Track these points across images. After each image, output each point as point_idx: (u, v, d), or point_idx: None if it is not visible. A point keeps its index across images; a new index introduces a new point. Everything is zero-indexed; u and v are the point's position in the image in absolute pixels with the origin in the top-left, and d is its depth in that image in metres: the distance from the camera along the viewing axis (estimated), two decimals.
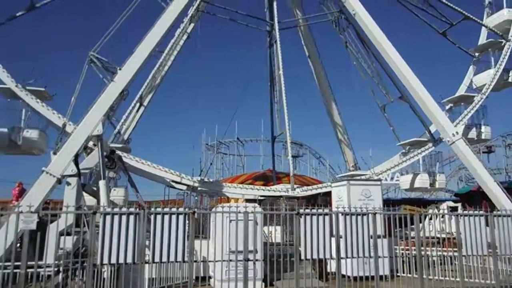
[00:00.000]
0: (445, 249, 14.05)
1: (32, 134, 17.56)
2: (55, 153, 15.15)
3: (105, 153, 16.55)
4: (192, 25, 23.78)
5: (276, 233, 16.81)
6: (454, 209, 21.72)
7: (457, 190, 38.65)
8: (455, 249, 12.73)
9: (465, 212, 13.08)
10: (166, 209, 10.43)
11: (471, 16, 24.82)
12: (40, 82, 18.42)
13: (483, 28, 25.71)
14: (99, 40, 20.34)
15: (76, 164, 14.98)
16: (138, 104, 23.08)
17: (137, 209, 10.30)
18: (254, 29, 24.03)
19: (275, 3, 23.66)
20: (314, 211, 11.41)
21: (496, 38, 24.99)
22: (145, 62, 18.52)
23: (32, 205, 9.88)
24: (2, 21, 19.16)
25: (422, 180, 23.13)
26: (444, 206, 23.77)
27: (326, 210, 11.83)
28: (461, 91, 25.36)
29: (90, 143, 17.04)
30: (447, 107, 25.13)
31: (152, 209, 10.64)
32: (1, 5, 18.71)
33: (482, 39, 25.79)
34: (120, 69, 17.35)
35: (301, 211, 11.32)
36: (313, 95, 28.52)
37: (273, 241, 15.95)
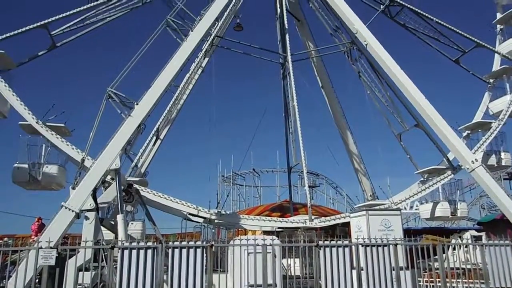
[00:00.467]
0: (471, 280, 13.56)
1: (51, 169, 17.86)
2: (73, 188, 15.34)
3: (122, 187, 16.69)
4: (206, 59, 24.34)
5: (295, 266, 16.49)
6: (478, 238, 21.09)
7: (480, 219, 37.61)
8: (482, 280, 12.29)
9: (490, 241, 12.70)
10: (184, 243, 10.37)
11: (483, 43, 24.90)
12: (60, 117, 18.89)
13: (496, 54, 25.71)
14: (117, 75, 20.95)
15: (94, 199, 15.13)
16: (154, 138, 23.39)
17: (155, 243, 10.26)
18: (267, 62, 24.47)
19: (287, 36, 24.13)
20: (333, 242, 11.22)
21: (510, 64, 24.92)
22: (161, 97, 18.97)
23: (51, 241, 9.94)
24: (24, 60, 19.91)
25: (443, 209, 22.62)
26: (467, 235, 23.11)
27: (346, 242, 11.62)
28: (478, 117, 25.09)
29: (108, 177, 17.23)
30: (464, 134, 24.82)
31: (170, 243, 10.60)
32: (22, 42, 19.36)
33: (496, 66, 25.72)
34: (137, 104, 17.77)
35: (320, 242, 11.14)
36: (328, 124, 28.71)
37: (293, 274, 15.62)
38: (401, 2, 25.45)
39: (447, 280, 11.94)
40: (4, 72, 18.65)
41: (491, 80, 25.70)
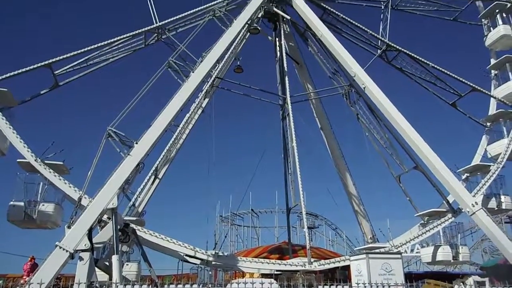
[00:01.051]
0: None
1: (47, 208, 17.66)
2: (69, 227, 15.08)
3: (119, 227, 16.42)
4: (207, 100, 24.67)
5: None
6: (481, 284, 20.59)
7: (483, 263, 36.80)
8: None
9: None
10: (180, 286, 10.10)
11: (479, 88, 25.41)
12: (59, 155, 18.87)
13: (492, 98, 26.14)
14: (117, 113, 21.11)
15: (90, 239, 14.84)
16: (153, 177, 23.28)
17: (150, 285, 9.99)
18: (267, 103, 24.81)
19: (286, 78, 24.59)
20: (333, 287, 10.93)
21: (505, 108, 25.30)
22: (161, 136, 19.04)
23: (43, 282, 9.67)
24: (27, 98, 20.17)
25: (444, 253, 22.19)
26: (470, 281, 22.56)
27: (346, 286, 11.32)
28: (476, 160, 25.17)
29: (104, 216, 17.00)
30: (463, 177, 24.80)
31: (166, 285, 10.32)
32: (24, 79, 19.65)
33: (492, 109, 26.10)
34: (136, 143, 17.83)
35: (320, 287, 10.85)
36: (328, 165, 28.74)
37: None
38: (397, 47, 26.19)
39: None
40: (5, 110, 18.87)
41: (488, 124, 26.00)
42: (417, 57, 26.18)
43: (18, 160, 18.29)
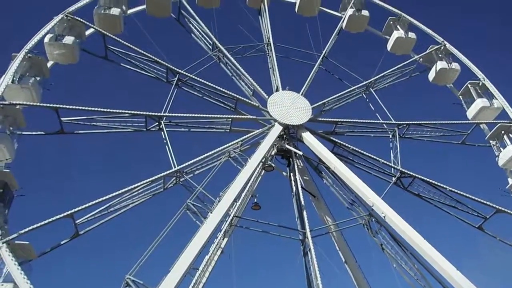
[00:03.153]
0: None
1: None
2: None
3: None
4: (226, 239, 24.26)
5: None
6: None
7: None
8: None
9: None
10: None
11: (503, 209, 24.82)
12: None
13: None
14: (134, 258, 20.73)
15: None
16: None
17: None
18: (287, 239, 24.24)
19: (304, 213, 24.41)
20: None
21: None
22: (180, 281, 18.36)
23: None
24: (46, 249, 20.11)
25: None
26: None
27: None
28: None
29: None
30: None
31: None
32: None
33: None
34: None
35: None
36: None
37: None
38: (411, 173, 26.47)
39: None
40: (25, 263, 18.67)
41: None
42: (433, 181, 26.24)
43: None
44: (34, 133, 23.56)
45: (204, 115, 26.13)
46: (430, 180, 26.12)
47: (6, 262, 17.28)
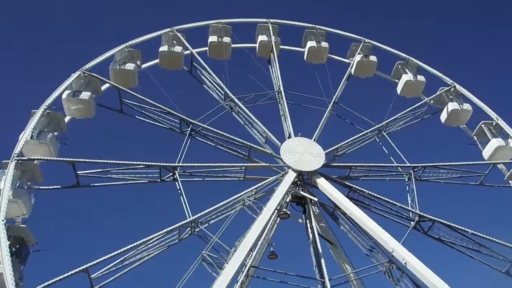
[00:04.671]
0: None
1: None
2: None
3: None
4: None
5: None
6: None
7: None
8: None
9: None
10: None
11: None
12: None
13: None
14: None
15: None
16: None
17: None
18: None
19: (322, 261, 23.79)
20: None
21: None
22: None
23: None
24: None
25: None
26: None
27: None
28: None
29: None
30: None
31: None
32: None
33: None
34: None
35: None
36: None
37: None
38: (430, 217, 25.87)
39: None
40: None
41: None
42: (454, 225, 25.60)
43: None
44: (51, 187, 23.89)
45: (218, 164, 26.26)
46: (451, 224, 25.47)
47: None
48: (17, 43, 67.22)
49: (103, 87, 28.44)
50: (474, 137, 31.47)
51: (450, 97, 32.64)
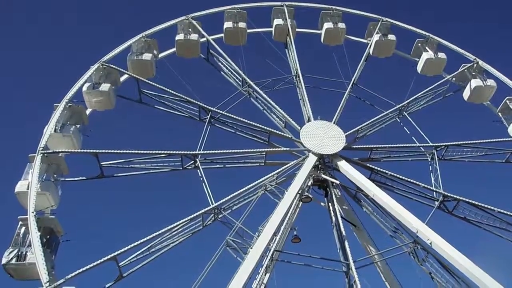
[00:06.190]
0: None
1: None
2: None
3: None
4: (267, 275, 23.80)
5: None
6: None
7: None
8: None
9: None
10: None
11: None
12: None
13: None
14: None
15: None
16: None
17: None
18: (330, 271, 23.55)
19: (346, 243, 23.76)
20: None
21: None
22: None
23: None
24: None
25: None
26: None
27: None
28: None
29: None
30: None
31: None
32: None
33: None
34: None
35: None
36: None
37: None
38: (455, 196, 25.49)
39: None
40: None
41: None
42: (479, 204, 25.16)
43: None
44: (76, 179, 24.41)
45: (238, 151, 26.31)
46: (476, 202, 25.05)
47: None
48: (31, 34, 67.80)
49: (122, 78, 28.72)
50: (499, 113, 30.72)
51: (473, 73, 31.78)
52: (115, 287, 20.87)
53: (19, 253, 19.60)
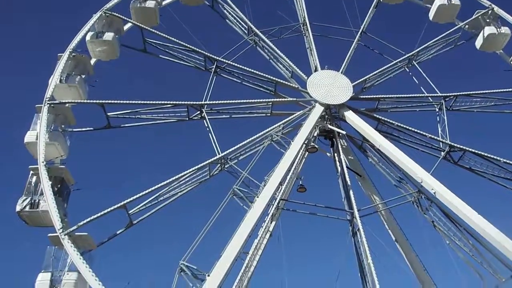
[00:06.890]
0: None
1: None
2: None
3: None
4: (273, 223, 24.47)
5: None
6: None
7: None
8: None
9: None
10: None
11: None
12: None
13: None
14: (184, 246, 21.30)
15: None
16: None
17: None
18: (335, 219, 24.15)
19: (351, 192, 24.16)
20: None
21: None
22: (232, 265, 18.81)
23: None
24: (104, 239, 21.01)
25: None
26: None
27: None
28: None
29: None
30: None
31: None
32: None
33: None
34: (208, 276, 17.66)
35: None
36: (409, 280, 26.34)
37: None
38: (461, 147, 25.46)
39: None
40: (86, 253, 19.66)
41: None
42: (485, 154, 25.17)
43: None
44: (83, 129, 24.57)
45: (244, 101, 26.17)
46: (482, 153, 25.05)
47: (69, 253, 18.28)
48: None
49: (125, 27, 28.08)
50: (511, 62, 29.96)
51: (487, 20, 30.61)
52: (126, 235, 21.57)
53: (32, 201, 20.15)
